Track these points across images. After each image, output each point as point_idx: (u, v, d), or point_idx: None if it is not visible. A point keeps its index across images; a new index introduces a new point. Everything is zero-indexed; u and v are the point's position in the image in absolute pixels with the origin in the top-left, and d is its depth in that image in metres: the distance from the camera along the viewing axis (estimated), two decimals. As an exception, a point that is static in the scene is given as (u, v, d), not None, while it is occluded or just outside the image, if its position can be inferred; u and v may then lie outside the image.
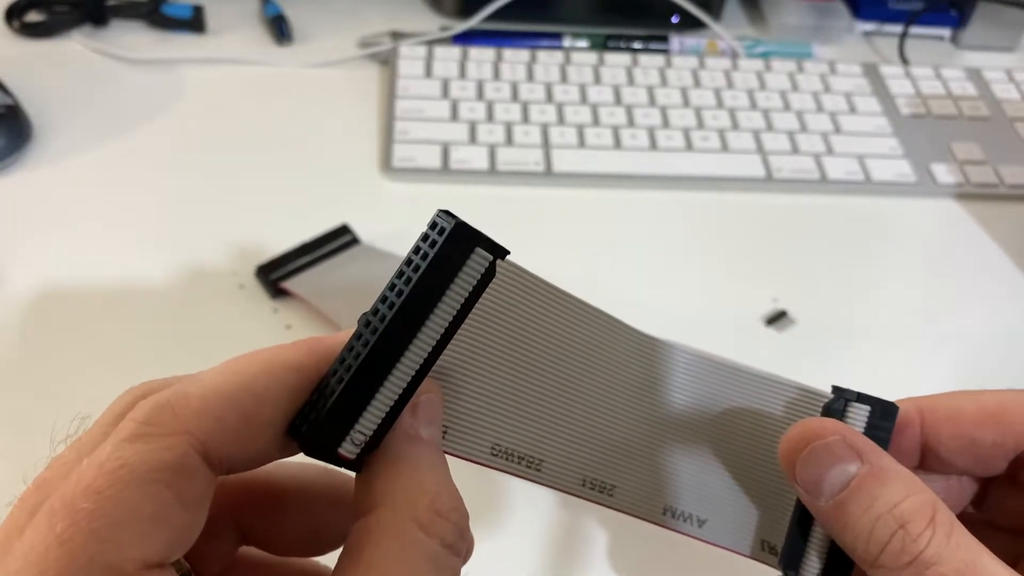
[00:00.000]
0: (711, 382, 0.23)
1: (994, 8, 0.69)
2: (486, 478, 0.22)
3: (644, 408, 0.23)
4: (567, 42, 0.65)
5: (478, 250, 0.19)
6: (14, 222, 0.48)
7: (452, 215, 0.19)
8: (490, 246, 0.19)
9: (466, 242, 0.19)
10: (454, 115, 0.57)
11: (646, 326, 0.23)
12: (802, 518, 0.23)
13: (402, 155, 0.53)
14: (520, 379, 0.21)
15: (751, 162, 0.56)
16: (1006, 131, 0.61)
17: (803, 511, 0.22)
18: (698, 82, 0.61)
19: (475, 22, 0.64)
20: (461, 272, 0.19)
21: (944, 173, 0.57)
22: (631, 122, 0.57)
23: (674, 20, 0.68)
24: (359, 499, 0.18)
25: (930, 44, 0.71)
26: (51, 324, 0.43)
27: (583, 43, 0.65)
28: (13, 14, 0.61)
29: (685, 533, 0.23)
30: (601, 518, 0.38)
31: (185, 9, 0.63)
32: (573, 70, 0.61)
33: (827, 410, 0.23)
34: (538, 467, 0.21)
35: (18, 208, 0.49)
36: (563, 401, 0.21)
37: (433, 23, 0.66)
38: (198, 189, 0.51)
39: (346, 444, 0.18)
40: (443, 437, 0.20)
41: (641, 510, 0.23)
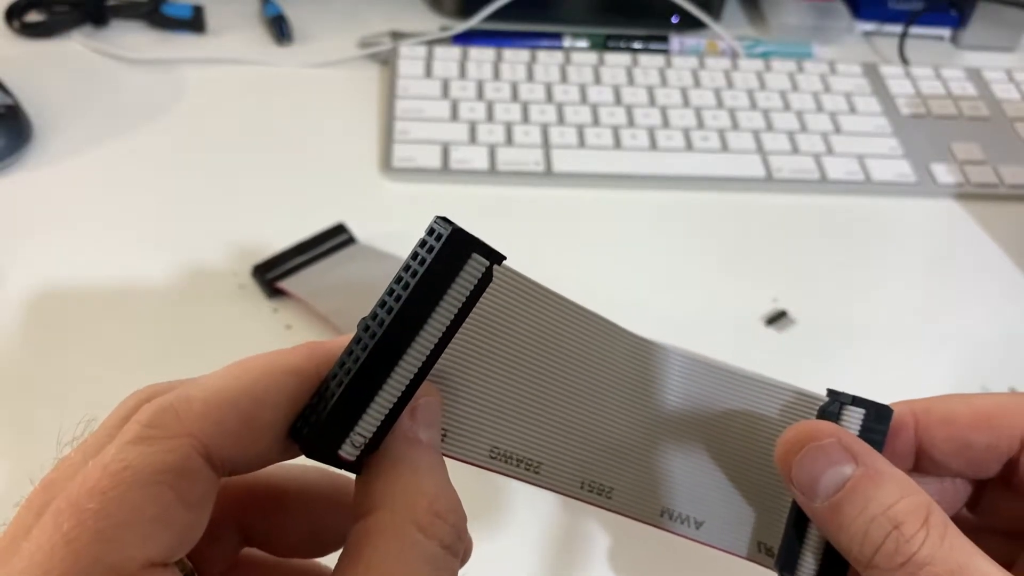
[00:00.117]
0: (707, 385, 0.23)
1: (994, 8, 0.69)
2: (486, 480, 0.22)
3: (641, 411, 0.23)
4: (567, 42, 0.65)
5: (475, 255, 0.19)
6: (14, 222, 0.48)
7: (449, 221, 0.19)
8: (487, 251, 0.19)
9: (463, 248, 0.19)
10: (454, 115, 0.57)
11: (646, 326, 0.23)
12: (798, 520, 0.23)
13: (402, 155, 0.53)
14: (518, 382, 0.21)
15: (751, 162, 0.56)
16: (1006, 131, 0.61)
17: (799, 513, 0.23)
18: (698, 82, 0.61)
19: (475, 22, 0.64)
20: (458, 277, 0.19)
21: (944, 173, 0.57)
22: (631, 122, 0.57)
23: (674, 20, 0.68)
24: (359, 501, 0.19)
25: (930, 44, 0.71)
26: (51, 324, 0.43)
27: (583, 43, 0.65)
28: (13, 14, 0.61)
29: (682, 535, 0.24)
30: (600, 520, 0.38)
31: (185, 9, 0.63)
32: (573, 70, 0.61)
33: (822, 413, 0.23)
34: (536, 470, 0.21)
35: (18, 208, 0.49)
36: (561, 404, 0.22)
37: (433, 23, 0.66)
38: (198, 189, 0.51)
39: (346, 446, 0.19)
40: (442, 440, 0.20)
41: (638, 512, 0.23)
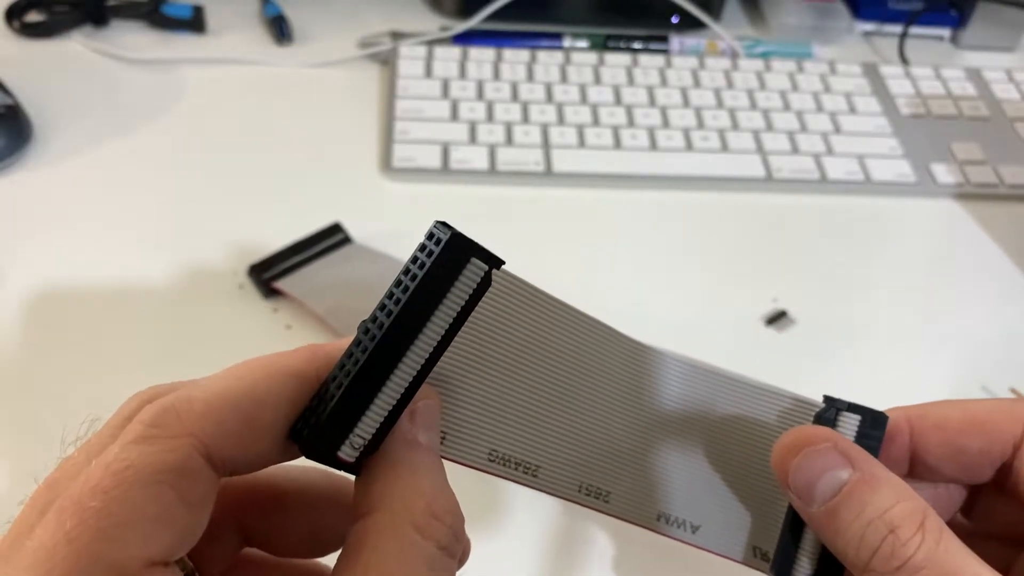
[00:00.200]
0: (705, 391, 0.24)
1: (994, 8, 0.69)
2: (485, 481, 0.22)
3: (639, 416, 0.23)
4: (567, 42, 0.65)
5: (474, 260, 0.19)
6: (14, 222, 0.48)
7: (448, 226, 0.19)
8: (486, 256, 0.19)
9: (462, 252, 0.19)
10: (454, 115, 0.57)
11: (646, 325, 0.23)
12: (794, 524, 0.23)
13: (402, 155, 0.53)
14: (517, 386, 0.21)
15: (751, 162, 0.56)
16: (1006, 131, 0.61)
17: (795, 518, 0.23)
18: (698, 82, 0.61)
19: (475, 22, 0.64)
20: (457, 282, 0.19)
21: (944, 173, 0.57)
22: (631, 122, 0.57)
23: (674, 20, 0.68)
24: (358, 502, 0.19)
25: (930, 44, 0.71)
26: (51, 324, 0.43)
27: (583, 43, 0.65)
28: (13, 14, 0.61)
29: (678, 539, 0.24)
30: (599, 521, 0.38)
31: (185, 9, 0.63)
32: (573, 70, 0.61)
33: (819, 419, 0.23)
34: (535, 473, 0.22)
35: (18, 208, 0.49)
36: (559, 408, 0.22)
37: (433, 23, 0.66)
38: (198, 189, 0.51)
39: (345, 447, 0.19)
40: (442, 443, 0.20)
41: (635, 516, 0.23)
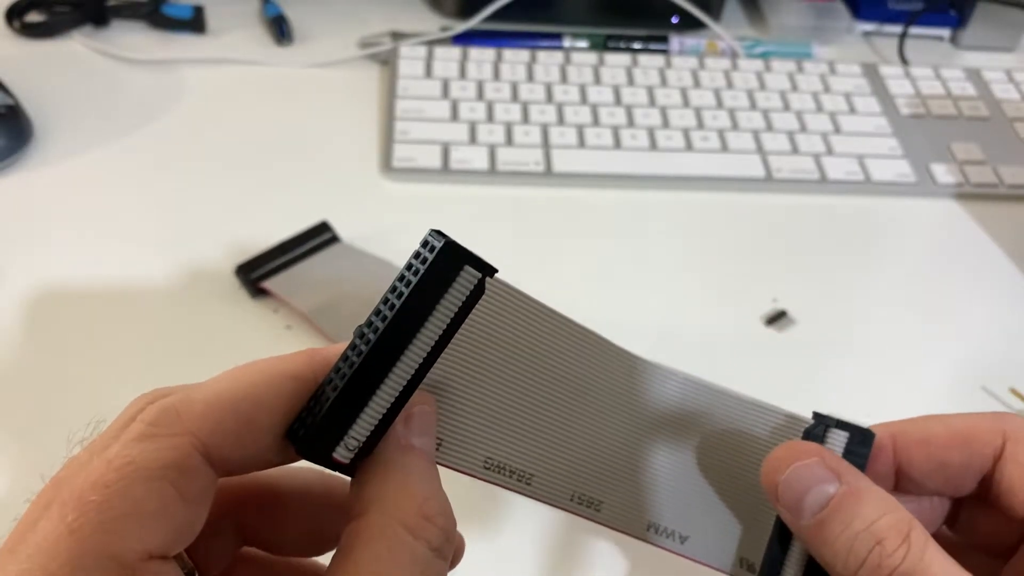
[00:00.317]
0: (696, 404, 0.24)
1: (994, 8, 0.69)
2: (484, 484, 0.22)
3: (630, 427, 0.23)
4: (567, 42, 0.65)
5: (467, 268, 0.20)
6: (14, 222, 0.48)
7: (443, 234, 0.19)
8: (479, 264, 0.20)
9: (455, 260, 0.19)
10: (454, 115, 0.57)
11: (646, 326, 0.23)
12: (781, 537, 0.23)
13: (402, 155, 0.53)
14: (512, 395, 0.22)
15: (751, 162, 0.56)
16: (1006, 131, 0.61)
17: (782, 530, 0.23)
18: (698, 82, 0.61)
19: (475, 22, 0.64)
20: (450, 289, 0.19)
21: (944, 173, 0.57)
22: (631, 122, 0.57)
23: (674, 20, 0.68)
24: (352, 503, 0.19)
25: (930, 44, 0.71)
26: (51, 324, 0.43)
27: (583, 43, 0.65)
28: (14, 14, 0.61)
29: (668, 549, 0.24)
30: (596, 526, 0.38)
31: (185, 9, 0.63)
32: (573, 70, 0.61)
33: (807, 434, 0.24)
34: (528, 481, 0.22)
35: (18, 208, 0.49)
36: (553, 418, 0.22)
37: (433, 23, 0.66)
38: (198, 189, 0.51)
39: (340, 449, 0.19)
40: (438, 449, 0.21)
41: (625, 525, 0.24)
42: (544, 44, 0.64)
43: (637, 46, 0.65)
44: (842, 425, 0.24)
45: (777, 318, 0.48)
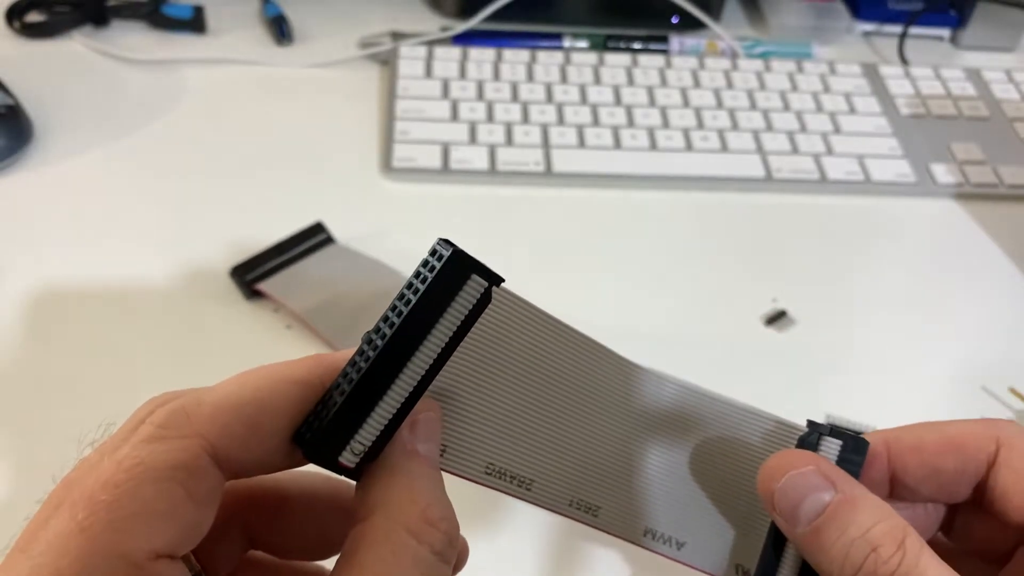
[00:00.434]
0: (693, 412, 0.24)
1: (994, 8, 0.69)
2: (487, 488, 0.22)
3: (629, 434, 0.24)
4: (567, 42, 0.65)
5: (474, 276, 0.20)
6: (14, 222, 0.48)
7: (451, 243, 0.20)
8: (486, 273, 0.20)
9: (463, 269, 0.20)
10: (454, 115, 0.57)
11: (646, 326, 0.23)
12: (775, 543, 0.24)
13: (402, 155, 0.53)
14: (514, 402, 0.22)
15: (751, 162, 0.56)
16: (1006, 131, 0.61)
17: (776, 537, 0.23)
18: (698, 82, 0.61)
19: (475, 22, 0.64)
20: (457, 297, 0.20)
21: (944, 173, 0.57)
22: (631, 122, 0.57)
23: (674, 20, 0.68)
24: (356, 507, 0.19)
25: (930, 44, 0.71)
26: (50, 324, 0.43)
27: (583, 43, 0.65)
28: (14, 14, 0.61)
29: (664, 555, 0.24)
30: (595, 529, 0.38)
31: (185, 9, 0.63)
32: (573, 70, 0.61)
33: (802, 442, 0.24)
34: (528, 487, 0.22)
35: (18, 208, 0.49)
36: (553, 424, 0.23)
37: (433, 23, 0.66)
38: (198, 189, 0.51)
39: (346, 453, 0.19)
40: (442, 456, 0.21)
41: (623, 531, 0.24)
42: (544, 44, 0.64)
43: (637, 46, 0.65)
44: (836, 433, 0.24)
45: (777, 318, 0.48)
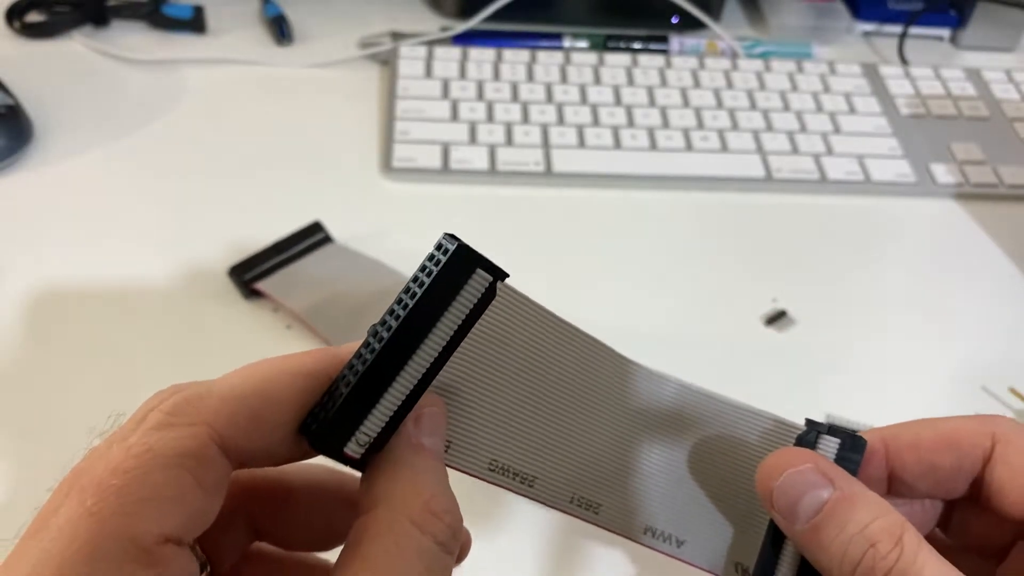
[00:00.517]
0: (693, 411, 0.25)
1: (994, 8, 0.69)
2: (490, 485, 0.22)
3: (629, 433, 0.24)
4: (567, 42, 0.65)
5: (479, 271, 0.20)
6: (14, 222, 0.48)
7: (456, 238, 0.20)
8: (490, 268, 0.20)
9: (467, 263, 0.20)
10: (454, 115, 0.57)
11: (646, 325, 0.23)
12: (774, 541, 0.24)
13: (402, 155, 0.53)
14: (518, 399, 0.22)
15: (751, 162, 0.56)
16: (1006, 131, 0.61)
17: (775, 534, 0.23)
18: (698, 82, 0.61)
19: (475, 22, 0.64)
20: (462, 290, 0.20)
21: (944, 173, 0.57)
22: (631, 122, 0.57)
23: (674, 21, 0.68)
24: (361, 498, 0.20)
25: (929, 44, 0.71)
26: (50, 324, 0.43)
27: (583, 43, 0.65)
28: (14, 14, 0.61)
29: (664, 552, 0.25)
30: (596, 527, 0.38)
31: (185, 10, 0.63)
32: (573, 70, 0.61)
33: (800, 441, 0.24)
34: (531, 483, 0.23)
35: (18, 208, 0.49)
36: (555, 422, 0.23)
37: (433, 23, 0.66)
38: (198, 189, 0.51)
39: (351, 444, 0.20)
40: (446, 451, 0.21)
41: (623, 528, 0.24)
42: (544, 44, 0.64)
43: (637, 46, 0.65)
44: (834, 431, 0.24)
45: (777, 318, 0.48)
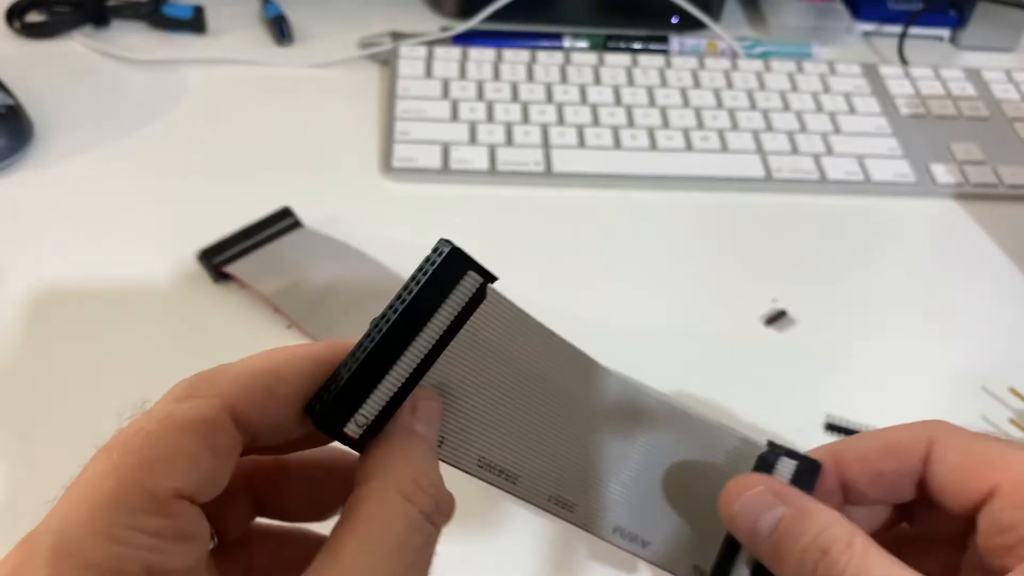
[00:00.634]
0: (666, 423, 0.27)
1: (993, 8, 0.69)
2: (486, 484, 0.24)
3: (604, 439, 0.26)
4: (567, 42, 0.65)
5: (470, 273, 0.22)
6: (14, 222, 0.48)
7: (451, 242, 0.22)
8: (481, 271, 0.23)
9: (460, 265, 0.22)
10: (454, 115, 0.57)
11: (646, 326, 0.24)
12: (729, 548, 0.26)
13: (402, 155, 0.53)
14: (505, 400, 0.24)
15: (751, 162, 0.56)
16: (1005, 131, 0.61)
17: (731, 541, 0.26)
18: (698, 82, 0.61)
19: (475, 22, 0.64)
20: (455, 290, 0.22)
21: (943, 173, 0.57)
22: (631, 122, 0.57)
23: (674, 21, 0.68)
24: (358, 474, 0.22)
25: (929, 44, 0.71)
26: (49, 324, 0.43)
27: (583, 43, 0.65)
28: (14, 14, 0.61)
29: (631, 552, 0.27)
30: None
31: (186, 10, 0.63)
32: (573, 70, 0.61)
33: (761, 460, 0.27)
34: (514, 481, 0.24)
35: (19, 208, 0.49)
36: (538, 425, 0.25)
37: (433, 23, 0.66)
38: (198, 189, 0.51)
39: (351, 424, 0.22)
40: (440, 446, 0.23)
41: (594, 527, 0.26)
42: (544, 44, 0.64)
43: (637, 46, 0.65)
44: (792, 455, 0.27)
45: (777, 318, 0.48)
